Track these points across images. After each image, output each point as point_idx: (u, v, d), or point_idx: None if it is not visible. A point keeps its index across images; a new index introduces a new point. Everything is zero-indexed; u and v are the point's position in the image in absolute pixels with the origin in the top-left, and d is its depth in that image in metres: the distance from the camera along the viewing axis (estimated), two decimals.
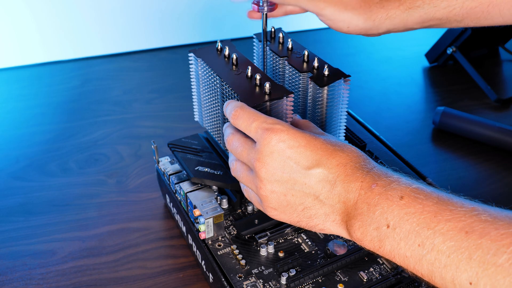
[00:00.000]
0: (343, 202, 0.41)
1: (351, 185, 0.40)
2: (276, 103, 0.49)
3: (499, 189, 0.71)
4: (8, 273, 0.59)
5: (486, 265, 0.32)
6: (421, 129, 0.83)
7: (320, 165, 0.41)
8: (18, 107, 0.88)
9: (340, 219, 0.41)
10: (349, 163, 0.41)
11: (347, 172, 0.41)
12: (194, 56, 0.58)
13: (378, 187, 0.39)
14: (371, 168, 0.41)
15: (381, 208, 0.38)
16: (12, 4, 0.94)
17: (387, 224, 0.37)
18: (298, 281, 0.49)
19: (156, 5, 1.02)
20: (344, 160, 0.41)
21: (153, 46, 1.05)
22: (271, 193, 0.43)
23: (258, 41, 0.61)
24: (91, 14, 1.00)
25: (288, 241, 0.55)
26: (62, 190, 0.71)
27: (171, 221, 0.66)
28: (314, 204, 0.42)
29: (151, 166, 0.74)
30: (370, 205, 0.39)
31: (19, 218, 0.66)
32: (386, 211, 0.38)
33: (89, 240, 0.63)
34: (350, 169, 0.41)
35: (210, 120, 0.60)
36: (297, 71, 0.55)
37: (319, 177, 0.41)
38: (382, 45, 1.08)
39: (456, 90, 0.93)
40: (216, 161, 0.59)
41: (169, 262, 0.60)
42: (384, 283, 0.50)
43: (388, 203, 0.38)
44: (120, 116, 0.86)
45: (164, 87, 0.94)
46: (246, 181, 0.46)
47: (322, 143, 0.42)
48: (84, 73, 0.98)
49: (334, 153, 0.42)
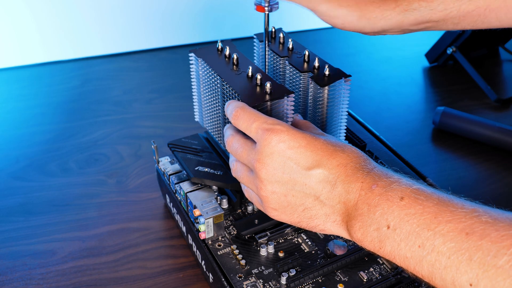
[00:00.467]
0: (344, 203, 0.41)
1: (351, 185, 0.40)
2: (277, 102, 0.49)
3: (499, 189, 0.71)
4: (8, 273, 0.59)
5: (486, 266, 0.32)
6: (421, 129, 0.83)
7: (320, 165, 0.41)
8: (18, 107, 0.88)
9: (340, 220, 0.41)
10: (350, 164, 0.41)
11: (348, 173, 0.41)
12: (194, 56, 0.58)
13: (378, 188, 0.39)
14: (372, 169, 0.41)
15: (381, 209, 0.38)
16: (12, 4, 0.94)
17: (387, 225, 0.37)
18: (298, 281, 0.49)
19: (156, 5, 1.02)
20: (345, 161, 0.41)
21: (153, 46, 1.05)
22: (271, 193, 0.43)
23: (258, 41, 0.61)
24: (91, 14, 1.00)
25: (288, 241, 0.55)
26: (62, 190, 0.70)
27: (171, 221, 0.65)
28: (315, 204, 0.42)
29: (151, 166, 0.74)
30: (371, 206, 0.39)
31: (19, 218, 0.66)
32: (386, 212, 0.38)
33: (89, 240, 0.63)
34: (350, 169, 0.41)
35: (210, 120, 0.60)
36: (297, 71, 0.55)
37: (319, 177, 0.41)
38: (382, 45, 1.08)
39: (456, 90, 0.93)
40: (216, 161, 0.59)
41: (169, 262, 0.60)
42: (384, 283, 0.50)
43: (388, 204, 0.38)
44: (120, 116, 0.86)
45: (164, 87, 0.94)
46: (246, 182, 0.46)
47: (322, 144, 0.42)
48: (84, 73, 0.98)
49: (335, 154, 0.42)
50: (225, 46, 0.57)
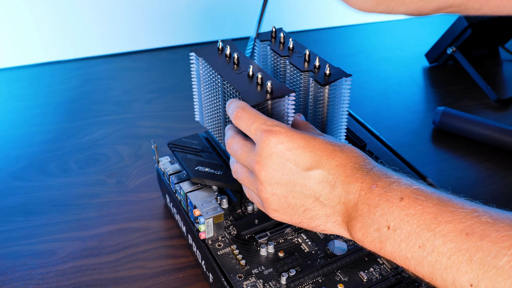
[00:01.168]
0: (344, 203, 0.41)
1: (351, 186, 0.40)
2: (278, 102, 0.49)
3: (499, 189, 0.71)
4: (8, 273, 0.59)
5: (487, 267, 0.32)
6: (421, 129, 0.83)
7: (320, 166, 0.41)
8: (18, 107, 0.88)
9: (341, 220, 0.41)
10: (349, 164, 0.41)
11: (347, 173, 0.41)
12: (195, 55, 0.58)
13: (378, 188, 0.39)
14: (371, 169, 0.41)
15: (381, 209, 0.38)
16: (12, 4, 0.94)
17: (387, 226, 0.37)
18: (298, 281, 0.49)
19: (156, 5, 1.02)
20: (344, 161, 0.41)
21: (153, 46, 1.05)
22: (271, 195, 0.43)
23: (259, 41, 0.61)
24: (91, 14, 1.00)
25: (288, 241, 0.54)
26: (62, 190, 0.70)
27: (171, 221, 0.65)
28: (315, 205, 0.42)
29: (151, 166, 0.74)
30: (371, 206, 0.39)
31: (19, 218, 0.66)
32: (386, 212, 0.38)
33: (89, 240, 0.63)
34: (350, 169, 0.41)
35: (211, 120, 0.60)
36: (298, 70, 0.55)
37: (319, 178, 0.41)
38: (382, 45, 1.08)
39: (456, 90, 0.93)
40: (216, 161, 0.59)
41: (169, 262, 0.60)
42: (384, 283, 0.50)
43: (388, 205, 0.38)
44: (120, 116, 0.86)
45: (164, 87, 0.94)
46: (247, 183, 0.46)
47: (321, 144, 0.42)
48: (84, 73, 0.98)
49: (334, 154, 0.41)
50: (225, 46, 0.57)
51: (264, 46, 0.61)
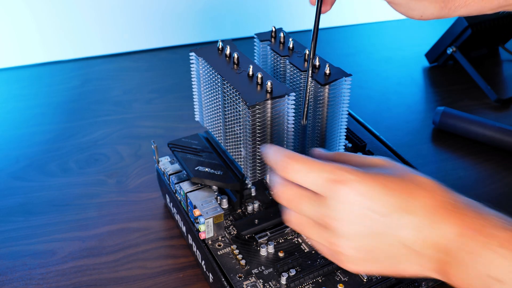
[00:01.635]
0: (434, 248, 0.37)
1: (440, 229, 0.37)
2: (278, 101, 0.49)
3: (499, 189, 0.71)
4: (8, 273, 0.59)
5: None
6: (421, 129, 0.83)
7: (402, 209, 0.37)
8: (18, 107, 0.88)
9: (434, 267, 0.38)
10: (433, 203, 0.38)
11: (433, 213, 0.37)
12: (195, 55, 0.58)
13: (471, 231, 0.36)
14: (454, 204, 0.38)
15: (483, 259, 0.35)
16: (12, 4, 0.94)
17: (492, 277, 0.35)
18: (298, 281, 0.49)
19: (156, 5, 1.03)
20: (428, 201, 0.38)
21: (153, 46, 1.05)
22: (349, 249, 0.39)
23: (259, 41, 0.61)
24: (91, 14, 1.00)
25: (288, 241, 0.54)
26: (62, 190, 0.70)
27: (171, 221, 0.65)
28: (402, 253, 0.38)
29: (151, 166, 0.74)
30: (471, 254, 0.36)
31: (19, 218, 0.66)
32: (489, 263, 0.35)
33: (89, 240, 0.63)
34: (434, 209, 0.37)
35: (211, 120, 0.60)
36: (298, 70, 0.55)
37: (403, 223, 0.37)
38: (382, 45, 1.08)
39: (456, 90, 0.93)
40: (216, 161, 0.59)
41: (169, 262, 0.60)
42: (384, 283, 0.50)
43: (489, 254, 0.35)
44: (120, 116, 0.86)
45: (164, 87, 0.94)
46: (315, 237, 0.41)
47: (398, 183, 0.38)
48: (84, 73, 0.98)
49: (414, 193, 0.38)
50: (225, 46, 0.57)
51: (264, 46, 0.61)
